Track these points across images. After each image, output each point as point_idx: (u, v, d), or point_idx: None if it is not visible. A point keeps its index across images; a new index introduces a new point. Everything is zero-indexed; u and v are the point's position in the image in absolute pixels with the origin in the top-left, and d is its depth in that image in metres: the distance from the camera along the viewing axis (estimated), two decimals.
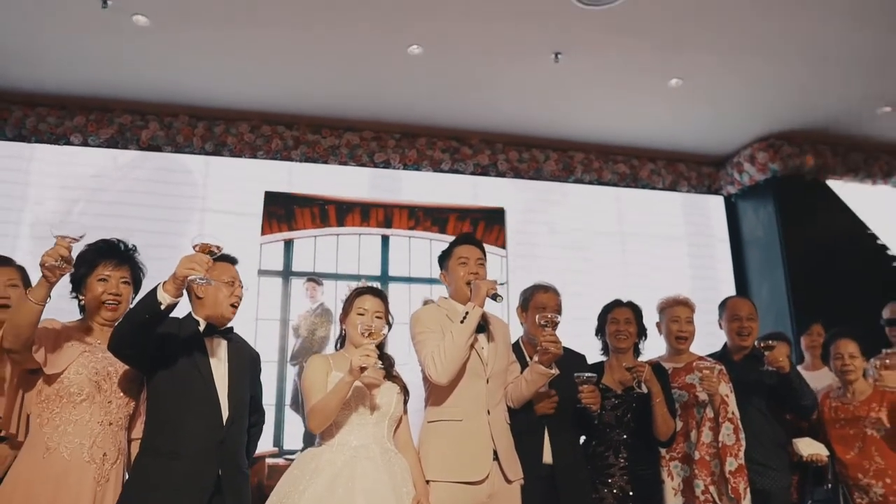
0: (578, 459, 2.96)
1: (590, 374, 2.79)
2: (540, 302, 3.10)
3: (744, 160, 5.44)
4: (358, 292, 2.52)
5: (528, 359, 2.92)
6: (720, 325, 3.48)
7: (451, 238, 2.84)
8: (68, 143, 4.80)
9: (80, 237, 2.03)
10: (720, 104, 4.90)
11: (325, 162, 5.10)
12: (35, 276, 2.45)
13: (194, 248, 2.05)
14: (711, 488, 2.93)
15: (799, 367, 3.84)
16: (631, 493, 2.93)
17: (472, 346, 2.55)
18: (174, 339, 2.23)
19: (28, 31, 4.03)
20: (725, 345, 3.43)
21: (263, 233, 4.92)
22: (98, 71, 4.49)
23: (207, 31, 4.02)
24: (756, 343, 3.14)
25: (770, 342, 3.05)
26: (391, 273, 5.10)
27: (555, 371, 2.60)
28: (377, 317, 2.45)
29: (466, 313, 2.52)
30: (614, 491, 2.94)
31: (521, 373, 2.75)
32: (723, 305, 3.46)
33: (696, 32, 4.04)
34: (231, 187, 4.96)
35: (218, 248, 2.08)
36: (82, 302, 2.31)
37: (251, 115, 5.02)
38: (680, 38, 4.10)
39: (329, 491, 2.17)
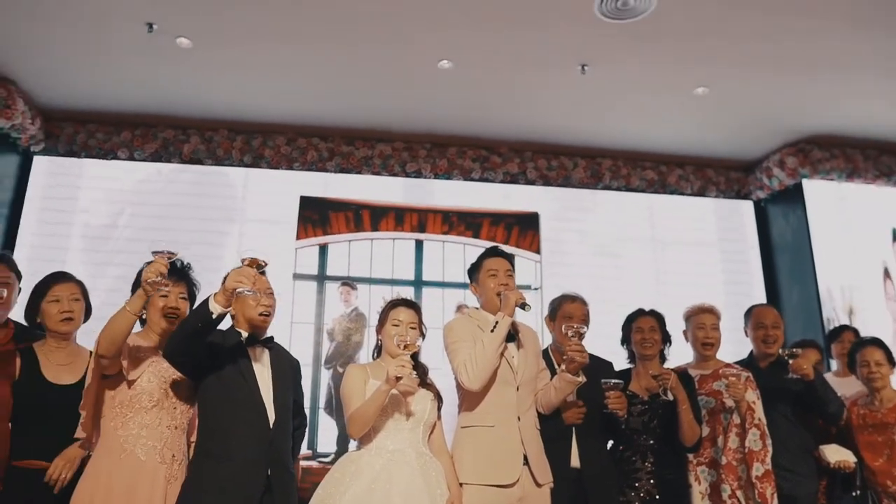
0: (606, 464, 3.05)
1: (616, 381, 2.89)
2: (567, 312, 3.19)
3: (773, 165, 5.44)
4: (392, 304, 2.66)
5: (556, 366, 3.02)
6: (746, 332, 3.54)
7: (485, 243, 2.95)
8: (115, 157, 5.03)
9: (175, 254, 2.24)
10: (747, 110, 4.92)
11: (359, 172, 5.25)
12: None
13: (243, 262, 2.22)
14: (738, 493, 3.01)
15: (829, 374, 3.89)
16: (657, 497, 3.02)
17: (501, 355, 2.66)
18: (220, 349, 2.39)
19: (79, 54, 4.26)
20: (752, 352, 3.49)
21: (299, 237, 5.07)
22: (143, 89, 4.71)
23: (245, 50, 4.20)
24: (780, 351, 3.20)
25: (795, 350, 3.11)
26: (425, 277, 5.21)
27: (581, 379, 2.68)
28: (411, 328, 2.59)
29: (496, 323, 2.64)
30: (641, 494, 3.03)
31: (550, 380, 2.85)
32: (748, 314, 3.52)
33: (719, 42, 4.09)
34: (268, 200, 5.13)
35: (265, 262, 2.24)
36: (144, 315, 2.48)
37: (287, 128, 5.20)
38: (704, 48, 4.15)
39: (368, 492, 2.31)
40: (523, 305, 2.65)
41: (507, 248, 4.41)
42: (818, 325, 4.94)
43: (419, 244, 5.26)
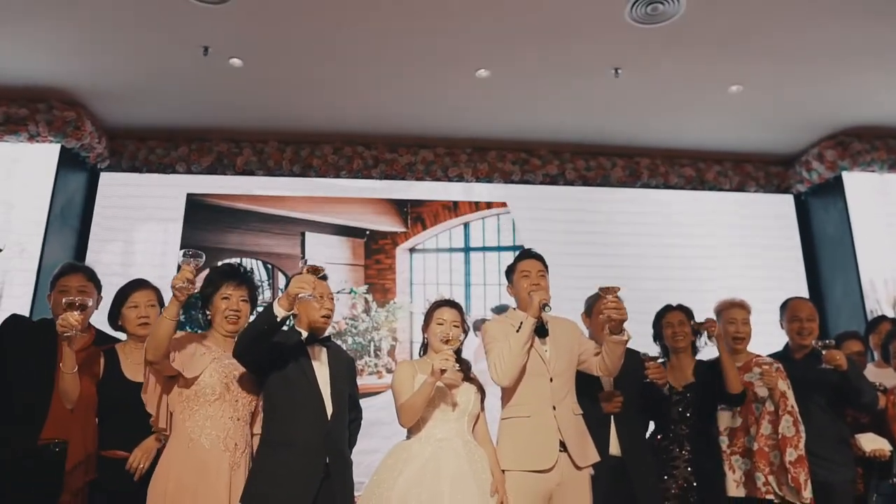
0: (646, 451, 3.20)
1: (654, 354, 3.04)
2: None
3: (812, 158, 5.45)
4: (437, 304, 2.87)
5: None
6: (781, 325, 3.63)
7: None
8: (174, 171, 5.36)
9: (201, 262, 2.45)
10: (784, 106, 4.95)
11: (403, 178, 5.47)
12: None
13: (303, 269, 2.45)
14: (770, 478, 3.11)
15: (871, 365, 3.93)
16: (695, 485, 3.15)
17: (530, 351, 2.82)
18: (283, 348, 2.62)
19: (141, 78, 4.59)
20: (787, 344, 3.58)
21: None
22: (199, 107, 5.01)
23: (293, 67, 4.45)
24: (815, 342, 3.29)
25: (828, 341, 3.20)
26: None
27: (627, 337, 2.77)
28: (454, 325, 2.79)
29: (521, 323, 2.81)
30: (679, 482, 3.17)
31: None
32: (784, 307, 3.61)
33: (751, 39, 4.15)
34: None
35: (322, 269, 2.48)
36: (209, 316, 2.72)
37: (334, 138, 5.44)
38: (735, 46, 4.22)
39: (419, 476, 2.53)
40: (545, 306, 2.80)
41: None
42: (861, 318, 4.93)
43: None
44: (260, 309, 2.67)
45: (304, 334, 2.68)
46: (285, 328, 2.59)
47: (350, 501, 2.61)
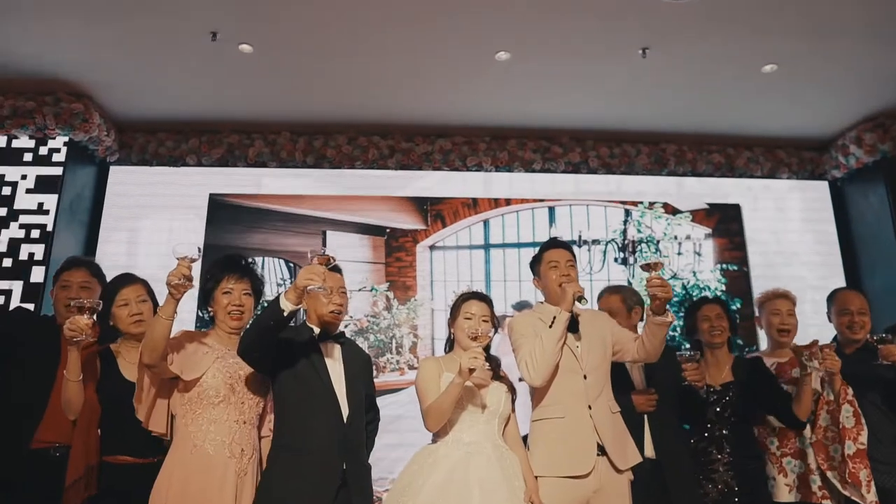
0: (683, 453, 2.98)
1: (692, 352, 2.82)
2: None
3: (849, 142, 5.19)
4: (465, 297, 2.67)
5: None
6: (829, 318, 3.41)
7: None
8: (185, 164, 5.20)
9: (198, 257, 2.28)
10: (820, 86, 4.70)
11: (420, 168, 5.28)
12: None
13: (312, 259, 2.26)
14: (830, 474, 2.88)
15: None
16: (736, 489, 2.94)
17: (563, 347, 2.62)
18: (293, 345, 2.44)
19: (149, 67, 4.42)
20: (836, 338, 3.35)
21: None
22: (209, 97, 4.85)
23: (304, 52, 4.27)
24: (869, 337, 3.06)
25: (885, 335, 2.96)
26: None
27: (670, 318, 2.56)
28: (483, 321, 2.58)
29: (554, 317, 2.61)
30: (719, 486, 2.96)
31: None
32: (831, 298, 3.38)
33: (788, 17, 3.91)
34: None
35: (333, 258, 2.28)
36: (211, 313, 2.56)
37: (348, 128, 5.26)
38: (771, 24, 3.98)
39: (446, 483, 2.33)
40: (580, 299, 2.60)
41: None
42: None
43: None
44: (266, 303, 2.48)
45: (317, 331, 2.50)
46: (295, 324, 2.41)
47: None
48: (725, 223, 5.40)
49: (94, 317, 2.43)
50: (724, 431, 3.01)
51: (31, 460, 2.51)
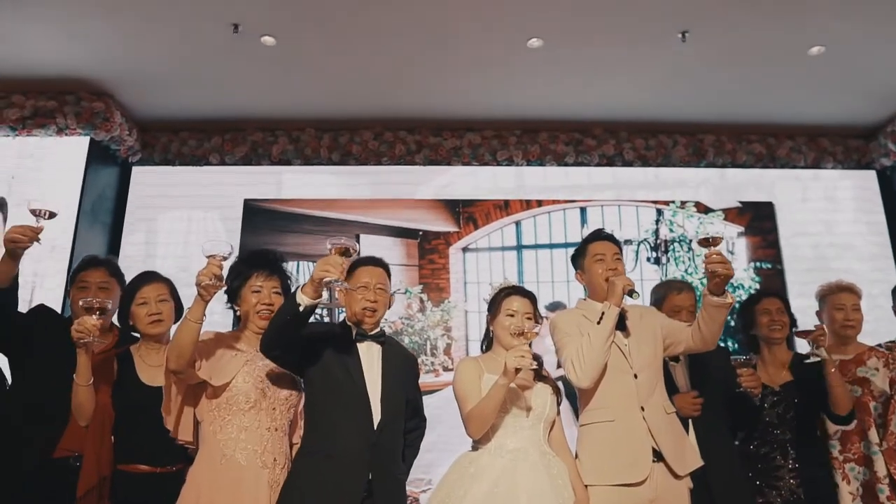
0: (734, 461, 2.76)
1: (748, 357, 2.63)
2: (675, 303, 3.01)
3: None
4: (506, 293, 2.48)
5: None
6: (894, 311, 3.17)
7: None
8: (208, 163, 5.09)
9: (229, 254, 2.13)
10: (868, 69, 4.44)
11: (448, 163, 5.11)
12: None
13: (330, 250, 2.09)
14: None
15: None
16: (802, 498, 2.72)
17: (611, 345, 2.43)
18: (326, 344, 2.28)
19: (170, 63, 4.31)
20: None
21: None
22: (231, 93, 4.73)
23: (328, 44, 4.13)
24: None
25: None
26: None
27: (730, 299, 2.35)
28: (527, 318, 2.39)
29: (603, 313, 2.41)
30: (783, 493, 2.74)
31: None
32: None
33: None
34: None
35: (354, 249, 2.10)
36: (238, 313, 2.41)
37: (373, 123, 5.11)
38: (820, 3, 3.76)
39: (491, 495, 2.15)
40: (632, 293, 2.42)
41: None
42: None
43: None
44: None
45: (354, 329, 2.33)
46: (322, 318, 2.24)
47: None
48: (759, 221, 5.18)
49: (105, 316, 2.28)
50: (788, 435, 2.79)
51: (52, 469, 2.37)
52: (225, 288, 2.32)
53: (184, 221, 5.02)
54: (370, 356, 2.34)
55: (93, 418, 2.31)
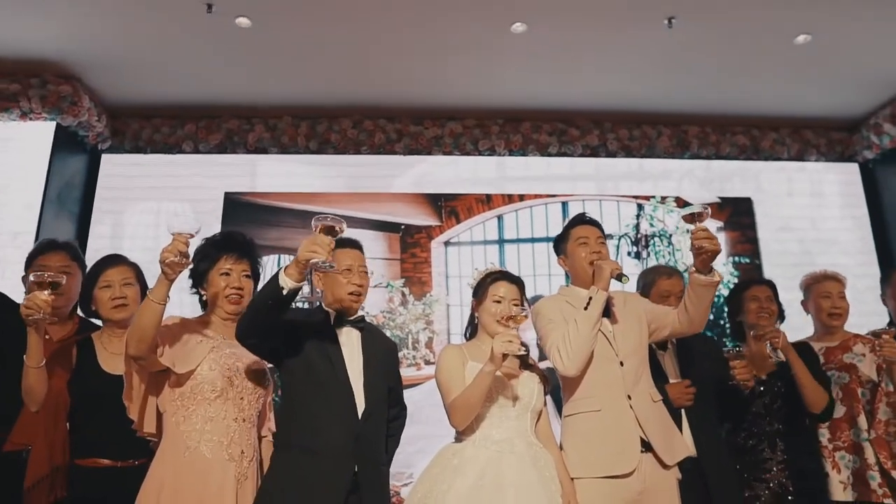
0: (725, 452, 2.71)
1: (738, 347, 2.57)
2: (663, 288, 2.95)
3: (883, 120, 4.89)
4: (493, 278, 2.38)
5: None
6: (883, 300, 3.14)
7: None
8: (181, 151, 4.92)
9: (196, 232, 1.99)
10: (855, 58, 4.39)
11: (429, 153, 5.00)
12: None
13: (315, 228, 1.95)
14: (894, 473, 2.60)
15: None
16: (791, 489, 2.65)
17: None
18: (304, 331, 2.16)
19: (140, 45, 4.14)
20: (890, 322, 3.07)
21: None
22: (205, 78, 4.57)
23: (305, 29, 3.99)
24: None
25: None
26: None
27: (718, 277, 2.28)
28: (514, 305, 2.29)
29: (590, 298, 2.32)
30: (771, 486, 2.67)
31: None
32: (887, 281, 3.10)
33: None
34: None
35: (341, 228, 1.96)
36: (204, 297, 2.27)
37: (352, 111, 4.99)
38: None
39: (476, 490, 2.04)
40: (620, 276, 2.33)
41: None
42: None
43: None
44: None
45: (333, 315, 2.21)
46: (310, 306, 2.12)
47: None
48: (737, 216, 5.15)
49: (58, 294, 2.12)
50: (776, 426, 2.72)
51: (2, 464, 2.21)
52: (190, 268, 2.19)
53: (155, 212, 4.84)
54: (350, 343, 2.22)
55: (45, 404, 2.16)
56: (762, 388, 2.78)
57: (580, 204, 5.12)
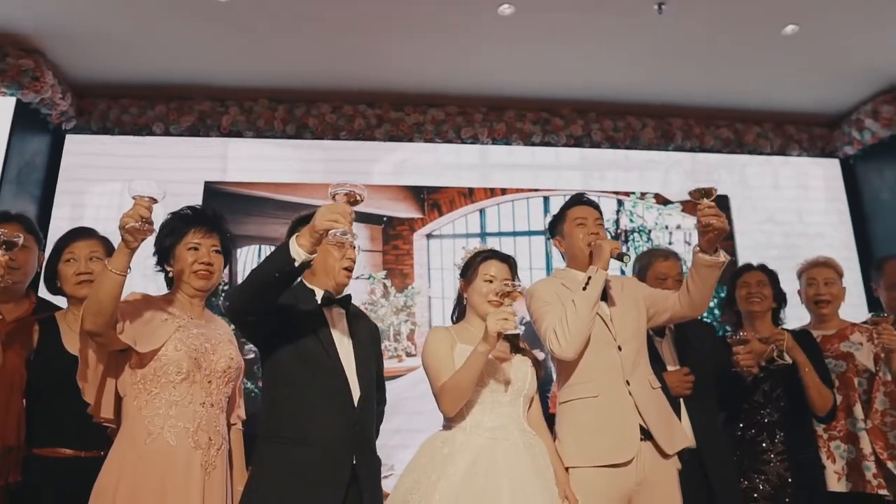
0: (724, 441, 2.64)
1: (741, 332, 2.51)
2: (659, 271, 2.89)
3: (864, 116, 4.89)
4: (483, 257, 2.26)
5: None
6: (875, 291, 3.09)
7: None
8: (151, 133, 4.72)
9: (161, 198, 1.80)
10: (839, 53, 4.37)
11: (410, 140, 4.87)
12: None
13: (334, 196, 1.78)
14: (891, 464, 2.54)
15: None
16: (790, 481, 2.58)
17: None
18: (292, 312, 2.00)
19: (110, 19, 3.93)
20: (881, 311, 3.01)
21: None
22: (178, 57, 4.38)
23: (285, 6, 3.84)
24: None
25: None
26: None
27: (724, 258, 2.19)
28: (506, 286, 2.17)
29: (589, 278, 2.22)
30: (769, 478, 2.59)
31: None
32: (880, 269, 3.04)
33: None
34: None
35: (362, 197, 1.80)
36: (170, 274, 2.09)
37: (331, 95, 4.83)
38: None
39: (468, 479, 1.91)
40: (621, 256, 2.26)
41: None
42: None
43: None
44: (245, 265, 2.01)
45: (319, 294, 2.06)
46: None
47: None
48: None
49: (12, 255, 1.92)
50: (775, 416, 2.65)
51: None
52: (155, 244, 2.03)
53: (121, 196, 4.61)
54: (338, 325, 2.08)
55: None
56: (762, 375, 2.70)
57: (562, 198, 5.01)
